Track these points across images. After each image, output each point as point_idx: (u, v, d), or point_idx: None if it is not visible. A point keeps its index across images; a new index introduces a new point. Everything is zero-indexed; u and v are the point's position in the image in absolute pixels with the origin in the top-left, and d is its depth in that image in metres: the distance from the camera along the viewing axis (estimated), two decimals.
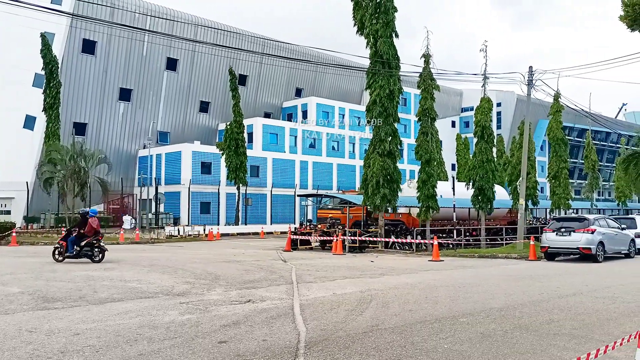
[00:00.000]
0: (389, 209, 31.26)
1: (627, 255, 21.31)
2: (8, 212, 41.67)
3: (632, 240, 21.87)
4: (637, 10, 11.27)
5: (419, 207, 26.78)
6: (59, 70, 38.13)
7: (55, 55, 37.37)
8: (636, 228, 23.44)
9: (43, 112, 36.95)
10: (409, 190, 30.18)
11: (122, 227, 37.11)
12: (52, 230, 34.79)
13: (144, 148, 49.02)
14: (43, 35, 36.67)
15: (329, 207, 32.29)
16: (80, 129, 46.28)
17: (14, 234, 27.10)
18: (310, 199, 33.70)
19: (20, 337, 7.22)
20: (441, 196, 27.63)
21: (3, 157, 41.11)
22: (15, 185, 38.60)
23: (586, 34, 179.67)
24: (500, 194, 34.14)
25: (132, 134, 50.20)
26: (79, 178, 32.65)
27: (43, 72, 37.88)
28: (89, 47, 46.29)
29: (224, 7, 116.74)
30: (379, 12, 25.56)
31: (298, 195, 40.48)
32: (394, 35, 25.85)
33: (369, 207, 30.21)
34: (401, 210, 29.27)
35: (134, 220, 41.61)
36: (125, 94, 49.23)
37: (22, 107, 43.24)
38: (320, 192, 39.65)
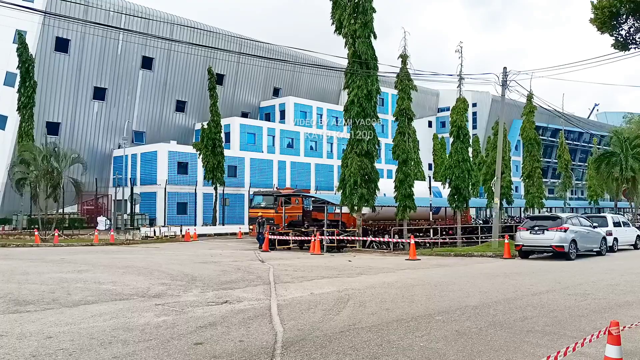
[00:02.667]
0: (333, 207, 30.99)
1: (599, 253, 21.77)
2: None
3: (604, 238, 22.35)
4: (606, 13, 11.52)
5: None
6: (34, 69, 37.33)
7: (31, 54, 36.59)
8: (607, 226, 23.96)
9: (17, 112, 36.16)
10: None
11: (97, 228, 36.52)
12: (24, 231, 34.10)
13: (119, 148, 48.33)
14: (20, 34, 35.87)
15: (262, 206, 31.29)
16: (53, 128, 45.39)
17: None
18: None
19: None
20: (384, 194, 27.57)
21: None
22: None
23: (557, 36, 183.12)
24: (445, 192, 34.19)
25: (107, 134, 49.44)
26: (51, 179, 32.02)
27: (14, 71, 37.06)
28: (62, 45, 45.43)
29: (200, 5, 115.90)
30: (358, 12, 25.64)
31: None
32: (372, 35, 25.95)
33: (305, 207, 29.93)
34: (345, 210, 28.86)
35: (108, 221, 40.99)
36: (99, 93, 48.46)
37: None
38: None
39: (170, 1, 72.23)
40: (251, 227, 31.08)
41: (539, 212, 39.71)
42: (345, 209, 28.15)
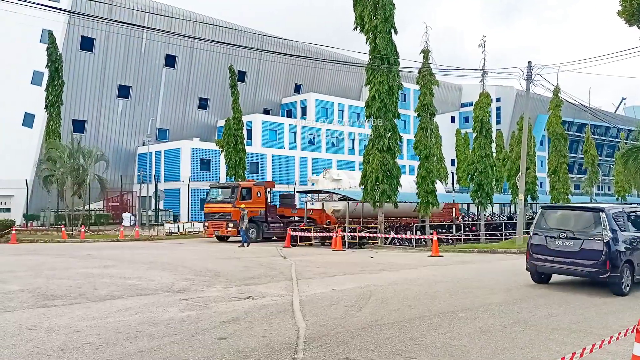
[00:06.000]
0: (296, 203, 30.16)
1: None
2: (8, 210, 41.68)
3: None
4: (634, 5, 11.26)
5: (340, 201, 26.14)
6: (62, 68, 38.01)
7: (60, 54, 37.28)
8: None
9: (45, 110, 36.92)
10: (324, 183, 29.18)
11: (122, 224, 37.11)
12: (51, 228, 34.82)
13: (143, 145, 48.99)
14: (50, 33, 36.54)
15: (218, 199, 28.85)
16: (79, 126, 46.22)
17: (13, 232, 27.13)
18: (309, 195, 33.10)
19: (21, 334, 7.25)
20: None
21: (2, 154, 41.10)
22: (14, 183, 38.59)
23: (584, 29, 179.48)
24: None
25: (131, 131, 50.16)
26: (77, 176, 32.62)
27: (42, 70, 37.73)
28: (87, 44, 46.19)
29: (222, 2, 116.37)
30: (378, 7, 25.53)
31: (297, 192, 40.43)
32: (392, 30, 25.81)
33: (270, 202, 29.21)
34: (316, 205, 27.88)
35: (133, 217, 41.60)
36: (124, 91, 49.17)
37: (20, 105, 43.19)
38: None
39: (188, 0, 72.52)
40: (207, 224, 28.84)
41: None
42: (318, 205, 27.52)
